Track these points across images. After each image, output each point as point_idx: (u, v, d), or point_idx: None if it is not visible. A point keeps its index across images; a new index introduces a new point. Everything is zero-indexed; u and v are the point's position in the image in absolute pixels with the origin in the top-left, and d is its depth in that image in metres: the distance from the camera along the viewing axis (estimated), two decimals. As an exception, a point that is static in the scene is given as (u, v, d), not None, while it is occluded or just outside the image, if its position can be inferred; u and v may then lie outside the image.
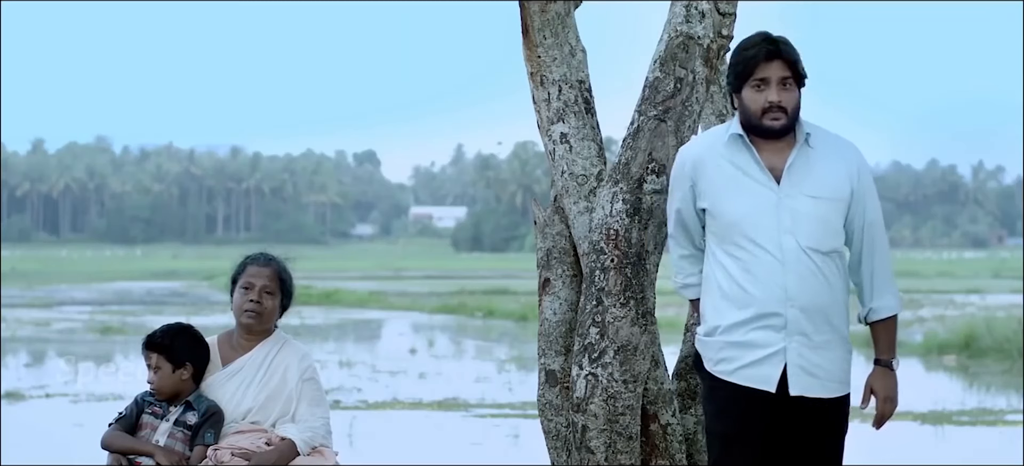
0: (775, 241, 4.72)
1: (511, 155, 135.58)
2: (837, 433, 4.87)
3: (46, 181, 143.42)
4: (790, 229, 4.71)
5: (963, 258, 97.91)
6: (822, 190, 4.75)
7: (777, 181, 4.75)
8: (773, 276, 4.71)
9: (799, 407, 4.75)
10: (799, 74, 4.77)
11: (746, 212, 4.74)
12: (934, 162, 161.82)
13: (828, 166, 4.78)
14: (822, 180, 4.76)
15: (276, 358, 5.63)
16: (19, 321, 32.29)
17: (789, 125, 4.76)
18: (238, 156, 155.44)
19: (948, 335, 25.95)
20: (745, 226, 4.74)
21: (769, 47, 4.75)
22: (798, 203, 4.72)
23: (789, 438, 4.78)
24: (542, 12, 5.49)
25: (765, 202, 4.74)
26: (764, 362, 4.73)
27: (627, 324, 5.20)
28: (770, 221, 4.72)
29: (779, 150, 4.78)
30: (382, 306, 41.13)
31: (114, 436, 5.54)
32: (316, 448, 5.56)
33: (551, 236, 5.53)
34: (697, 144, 4.97)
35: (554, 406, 5.49)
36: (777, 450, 4.78)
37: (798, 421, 4.77)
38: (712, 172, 4.81)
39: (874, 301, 4.87)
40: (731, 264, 4.78)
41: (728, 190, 4.78)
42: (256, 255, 5.74)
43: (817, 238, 4.73)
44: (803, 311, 4.71)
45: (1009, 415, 16.96)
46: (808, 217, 4.72)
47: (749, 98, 4.76)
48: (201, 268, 67.15)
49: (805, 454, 4.81)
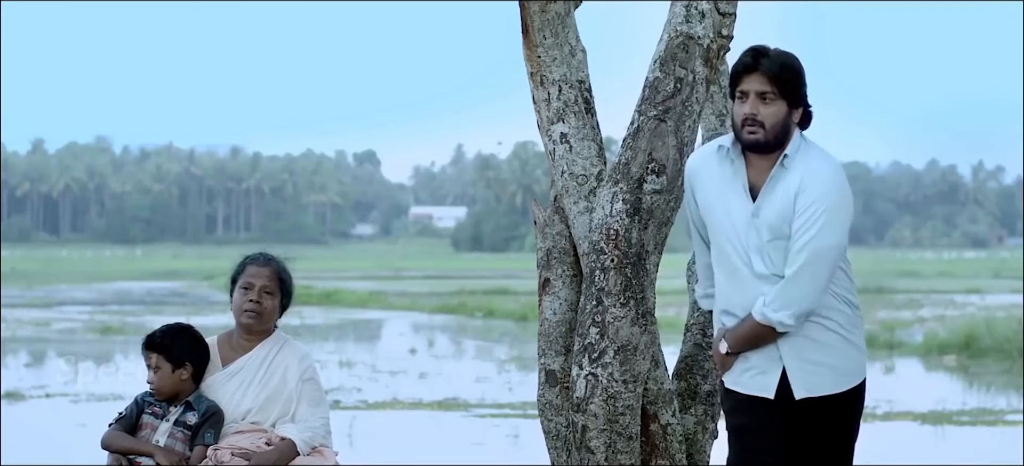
0: (746, 258, 4.72)
1: (511, 155, 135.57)
2: (847, 427, 4.83)
3: (46, 181, 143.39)
4: (758, 248, 4.70)
5: (963, 258, 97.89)
6: (779, 215, 4.68)
7: (753, 198, 4.73)
8: (751, 290, 4.71)
9: (809, 406, 4.75)
10: (786, 90, 4.67)
11: (724, 226, 4.75)
12: (934, 162, 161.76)
13: (787, 190, 4.69)
14: (781, 204, 4.68)
15: (276, 358, 5.63)
16: (19, 321, 32.29)
17: (768, 140, 4.68)
18: (238, 156, 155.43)
19: (948, 335, 25.96)
20: (723, 240, 4.75)
21: (747, 59, 4.69)
22: (764, 224, 4.69)
23: (804, 436, 4.78)
24: (542, 12, 5.49)
25: (740, 218, 4.73)
26: (760, 372, 4.74)
27: (627, 324, 5.20)
28: (744, 238, 4.72)
29: (764, 168, 4.74)
30: (382, 306, 41.13)
31: (114, 436, 5.54)
32: (316, 448, 5.56)
33: (551, 236, 5.53)
34: (697, 155, 4.97)
35: (554, 406, 5.49)
36: (794, 449, 4.78)
37: (810, 419, 4.76)
38: (705, 183, 4.82)
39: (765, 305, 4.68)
40: (720, 275, 4.81)
41: (714, 203, 4.78)
42: (256, 255, 5.74)
43: (781, 261, 4.68)
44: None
45: (1009, 415, 16.96)
46: (772, 238, 4.69)
47: (734, 109, 4.75)
48: (201, 268, 67.13)
49: (818, 450, 4.80)
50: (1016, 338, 23.36)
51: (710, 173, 4.81)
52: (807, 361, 4.72)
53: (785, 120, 4.71)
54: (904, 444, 14.55)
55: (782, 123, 4.70)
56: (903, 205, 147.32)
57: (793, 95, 4.71)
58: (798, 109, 4.74)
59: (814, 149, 4.76)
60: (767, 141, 4.69)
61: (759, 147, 4.70)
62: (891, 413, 16.78)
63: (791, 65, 4.72)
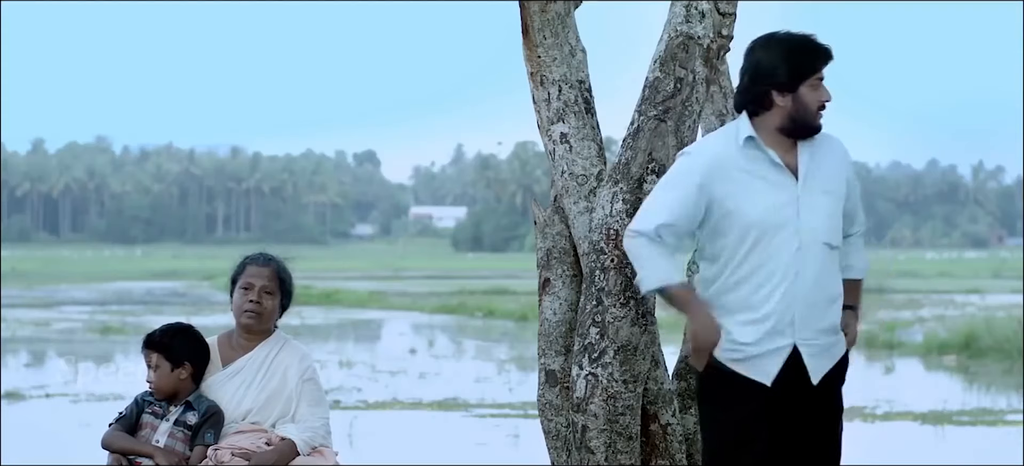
0: (794, 238, 4.73)
1: (511, 155, 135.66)
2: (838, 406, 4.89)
3: (46, 181, 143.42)
4: (810, 226, 4.75)
5: (963, 258, 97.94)
6: (831, 185, 4.81)
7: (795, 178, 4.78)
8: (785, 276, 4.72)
9: (802, 391, 4.77)
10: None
11: (765, 212, 4.73)
12: (934, 162, 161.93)
13: (830, 161, 4.84)
14: (829, 176, 4.82)
15: (276, 358, 5.63)
16: (19, 321, 32.29)
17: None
18: (238, 156, 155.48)
19: (948, 335, 25.97)
20: (765, 226, 4.73)
21: (828, 48, 4.81)
22: (815, 199, 4.77)
23: (796, 426, 4.79)
24: (542, 12, 5.49)
25: (785, 200, 4.75)
26: (767, 357, 4.74)
27: (627, 324, 5.20)
28: (789, 218, 4.74)
29: (786, 149, 4.79)
30: (382, 306, 41.13)
31: (114, 436, 5.54)
32: (316, 448, 5.56)
33: (551, 236, 5.53)
34: (711, 147, 4.90)
35: (554, 406, 5.49)
36: (787, 440, 4.79)
37: (803, 405, 4.78)
38: (730, 175, 4.76)
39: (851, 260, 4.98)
40: (744, 268, 4.76)
41: (748, 193, 4.75)
42: (255, 255, 5.74)
43: (832, 232, 4.80)
44: (813, 306, 4.74)
45: (1009, 415, 16.96)
46: (824, 212, 4.77)
47: (808, 95, 4.76)
48: (201, 268, 67.14)
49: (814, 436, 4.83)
50: (1016, 338, 23.37)
51: (736, 165, 4.77)
52: (816, 346, 4.77)
53: None
54: (904, 444, 14.56)
55: None
56: (903, 205, 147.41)
57: None
58: None
59: None
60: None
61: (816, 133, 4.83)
62: (891, 413, 16.78)
63: None
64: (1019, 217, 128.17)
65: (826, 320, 4.79)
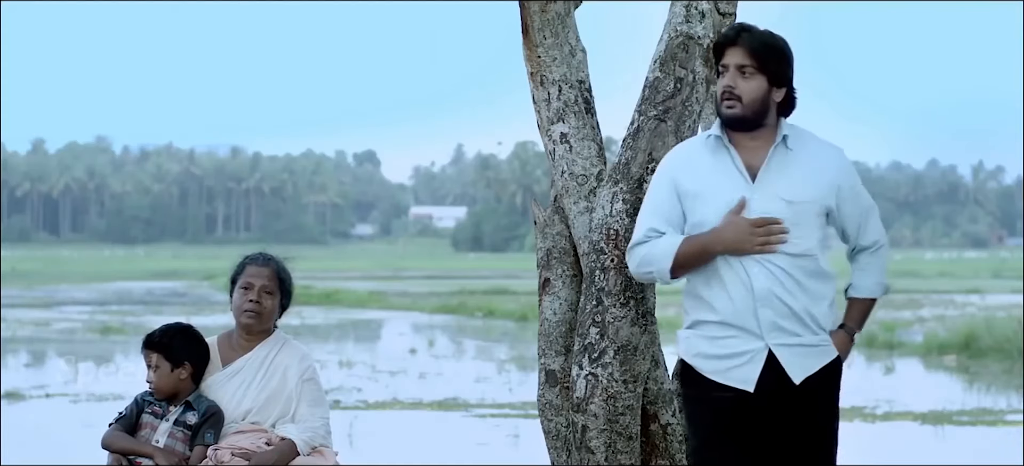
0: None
1: (511, 155, 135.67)
2: (830, 412, 4.79)
3: (46, 181, 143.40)
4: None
5: (963, 258, 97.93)
6: (796, 194, 4.66)
7: (752, 180, 4.69)
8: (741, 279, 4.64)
9: (792, 392, 4.69)
10: (766, 66, 4.66)
11: (716, 212, 4.67)
12: (934, 162, 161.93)
13: (806, 171, 4.69)
14: (798, 184, 4.67)
15: (276, 358, 5.63)
16: (19, 321, 32.28)
17: (746, 115, 4.67)
18: (238, 156, 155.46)
19: (948, 335, 25.95)
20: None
21: (730, 33, 4.71)
22: (771, 205, 4.65)
23: (782, 430, 4.73)
24: (542, 12, 5.49)
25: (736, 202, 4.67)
26: (742, 365, 4.69)
27: (627, 324, 5.20)
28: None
29: (755, 149, 4.71)
30: (382, 306, 41.12)
31: (114, 436, 5.54)
32: (316, 448, 5.56)
33: (551, 236, 5.53)
34: (684, 146, 4.91)
35: (554, 406, 5.49)
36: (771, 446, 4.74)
37: (787, 408, 4.71)
38: (695, 171, 4.74)
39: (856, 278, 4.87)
40: (704, 269, 4.70)
41: (704, 191, 4.71)
42: (255, 255, 5.74)
43: (793, 241, 4.64)
44: (775, 312, 4.64)
45: (1009, 415, 16.96)
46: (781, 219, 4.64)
47: (717, 84, 4.74)
48: (201, 268, 67.15)
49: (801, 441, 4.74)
50: (1016, 338, 23.35)
51: (700, 162, 4.73)
52: (798, 341, 4.67)
53: (764, 97, 4.69)
54: (904, 444, 14.55)
55: (761, 99, 4.68)
56: (903, 205, 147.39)
57: (774, 73, 4.68)
58: (781, 89, 4.72)
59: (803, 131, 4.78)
60: (744, 116, 4.67)
61: (736, 122, 4.68)
62: (891, 413, 16.78)
63: (772, 43, 4.71)
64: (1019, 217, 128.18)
65: (800, 325, 4.66)
